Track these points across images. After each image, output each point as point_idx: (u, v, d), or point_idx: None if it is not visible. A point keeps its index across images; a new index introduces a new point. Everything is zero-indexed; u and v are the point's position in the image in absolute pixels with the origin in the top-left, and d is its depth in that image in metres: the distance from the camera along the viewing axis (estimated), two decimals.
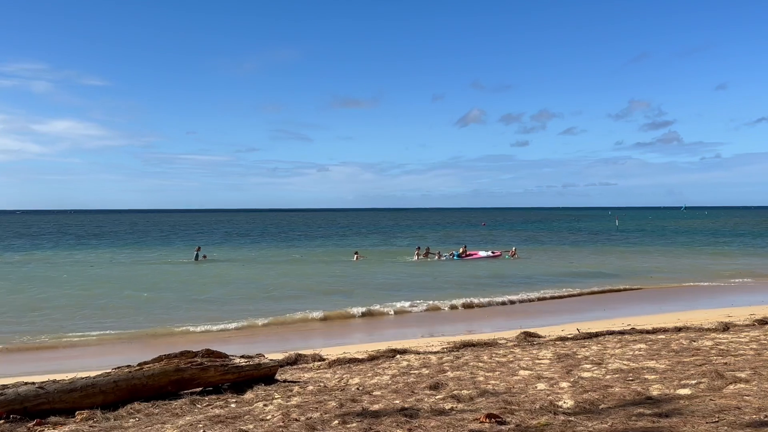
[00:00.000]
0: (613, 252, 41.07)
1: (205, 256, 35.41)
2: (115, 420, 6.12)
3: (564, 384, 6.97)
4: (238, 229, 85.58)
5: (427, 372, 8.32)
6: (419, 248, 37.85)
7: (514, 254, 36.55)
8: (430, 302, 19.61)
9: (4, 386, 6.41)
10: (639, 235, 63.87)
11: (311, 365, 9.62)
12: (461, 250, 37.03)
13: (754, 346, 9.13)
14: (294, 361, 9.90)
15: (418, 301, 19.61)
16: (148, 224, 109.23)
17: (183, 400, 6.82)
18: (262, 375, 7.75)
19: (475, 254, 37.06)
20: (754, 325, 12.30)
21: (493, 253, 37.59)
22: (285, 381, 7.93)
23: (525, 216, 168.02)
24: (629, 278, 25.86)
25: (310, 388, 7.46)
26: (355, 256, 35.95)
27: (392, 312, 18.54)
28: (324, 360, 9.93)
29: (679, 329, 11.89)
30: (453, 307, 19.22)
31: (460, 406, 6.09)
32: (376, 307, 18.67)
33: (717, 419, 4.97)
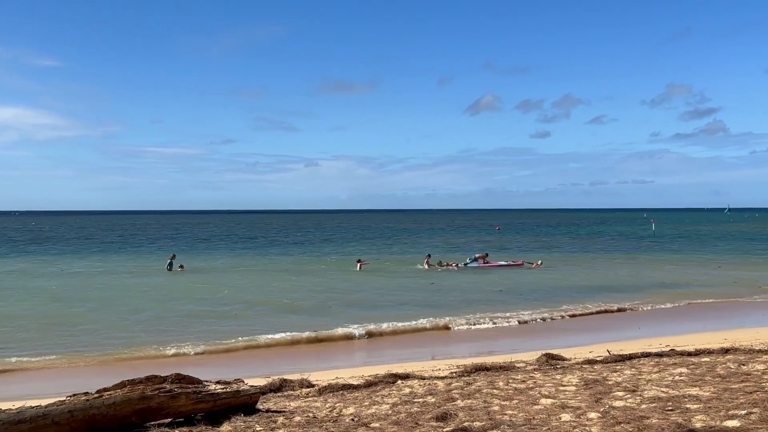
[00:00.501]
0: (646, 261, 41.26)
1: (181, 266, 35.34)
2: None
3: (592, 414, 7.02)
4: (211, 233, 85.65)
5: (433, 400, 8.36)
6: (429, 256, 38.09)
7: (539, 265, 36.74)
8: (437, 319, 19.66)
9: None
10: (673, 240, 64.10)
11: (298, 392, 9.64)
12: (479, 257, 37.28)
13: None
14: (278, 387, 9.93)
15: (422, 318, 19.65)
16: (102, 227, 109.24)
17: None
18: (242, 403, 7.78)
19: (495, 263, 37.35)
20: None
21: (514, 261, 37.89)
22: (268, 410, 7.96)
23: (547, 218, 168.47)
24: (666, 292, 25.94)
25: (297, 419, 7.49)
26: (358, 264, 36.04)
27: (392, 331, 18.57)
28: (313, 386, 9.96)
29: (725, 351, 11.95)
30: (463, 325, 19.26)
31: None
32: (374, 326, 18.69)
33: None
